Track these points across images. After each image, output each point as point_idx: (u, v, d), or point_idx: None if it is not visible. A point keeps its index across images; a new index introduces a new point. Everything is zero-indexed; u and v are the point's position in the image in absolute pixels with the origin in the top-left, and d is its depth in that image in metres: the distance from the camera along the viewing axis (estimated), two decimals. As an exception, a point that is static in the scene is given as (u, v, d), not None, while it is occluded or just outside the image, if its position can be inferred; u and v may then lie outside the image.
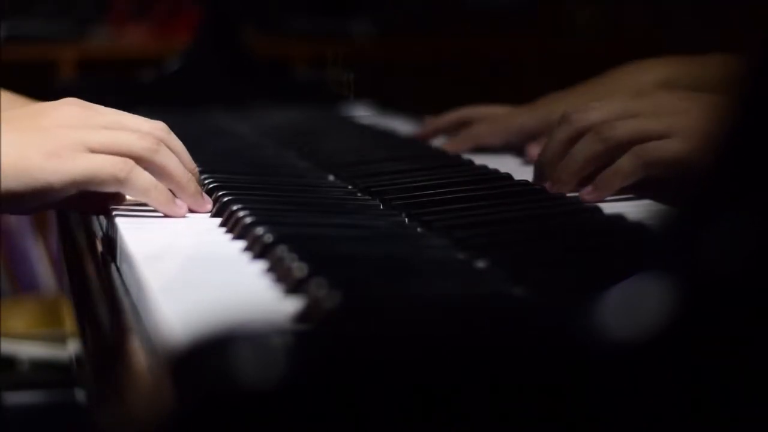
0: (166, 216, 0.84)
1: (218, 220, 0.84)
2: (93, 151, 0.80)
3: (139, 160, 0.82)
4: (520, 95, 1.35)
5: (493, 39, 1.52)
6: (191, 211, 0.85)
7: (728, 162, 0.43)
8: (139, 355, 0.60)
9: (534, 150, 1.06)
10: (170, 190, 0.84)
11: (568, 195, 0.91)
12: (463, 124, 1.23)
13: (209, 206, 0.85)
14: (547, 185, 0.92)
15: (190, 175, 0.85)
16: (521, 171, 0.99)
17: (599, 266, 0.50)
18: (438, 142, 1.23)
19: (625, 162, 0.88)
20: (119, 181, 0.80)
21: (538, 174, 0.96)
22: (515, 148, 1.16)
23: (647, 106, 0.91)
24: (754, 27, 0.44)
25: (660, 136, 0.88)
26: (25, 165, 0.78)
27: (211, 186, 0.90)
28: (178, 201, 0.84)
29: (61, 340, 1.76)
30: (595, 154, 0.90)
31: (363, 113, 1.60)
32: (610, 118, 0.90)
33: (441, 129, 1.27)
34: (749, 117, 0.43)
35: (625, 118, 0.90)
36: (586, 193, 0.90)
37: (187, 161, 0.86)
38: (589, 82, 1.14)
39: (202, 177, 0.92)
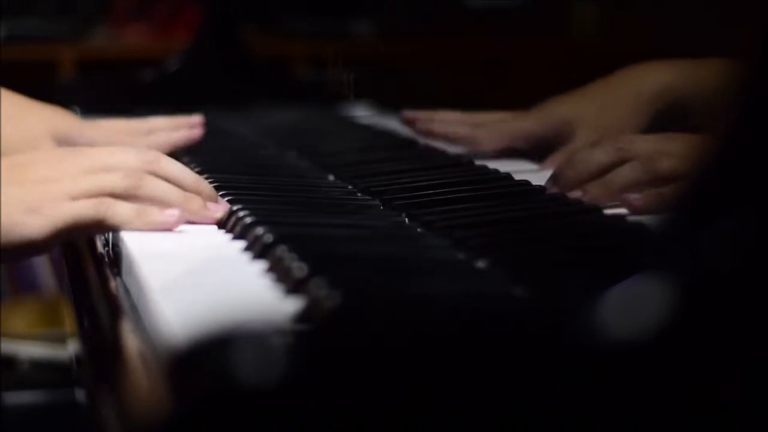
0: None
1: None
2: (75, 199, 0.79)
3: (127, 198, 0.81)
4: (520, 95, 1.35)
5: (493, 39, 1.52)
6: (195, 223, 0.83)
7: (728, 162, 0.43)
8: (139, 355, 0.60)
9: (553, 162, 1.04)
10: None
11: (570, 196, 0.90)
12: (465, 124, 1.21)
13: (218, 215, 0.83)
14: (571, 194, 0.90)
15: (185, 195, 0.83)
16: (521, 171, 0.99)
17: (599, 266, 0.50)
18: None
19: (629, 169, 0.88)
20: (99, 222, 0.79)
21: (560, 182, 0.92)
22: (517, 152, 1.15)
23: (690, 146, 0.90)
24: (754, 26, 0.44)
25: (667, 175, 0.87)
26: (7, 222, 0.78)
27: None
28: (169, 221, 0.81)
29: (61, 340, 1.76)
30: (638, 182, 0.88)
31: (363, 113, 1.60)
32: (656, 150, 0.89)
33: (439, 134, 1.25)
34: (749, 118, 0.43)
35: (670, 154, 0.89)
36: (590, 196, 0.88)
37: (188, 181, 0.84)
38: (591, 86, 1.13)
39: (202, 177, 0.92)
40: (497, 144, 1.15)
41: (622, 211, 0.86)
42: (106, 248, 0.83)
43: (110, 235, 0.84)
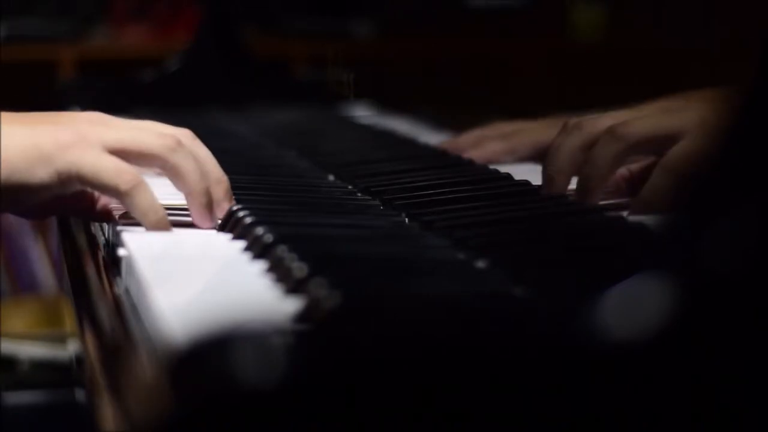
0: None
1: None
2: (109, 148, 0.79)
3: (155, 158, 0.80)
4: (520, 95, 1.35)
5: (494, 39, 1.52)
6: (194, 225, 0.82)
7: (728, 162, 0.43)
8: (139, 355, 0.60)
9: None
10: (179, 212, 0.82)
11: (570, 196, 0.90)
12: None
13: (213, 223, 0.82)
14: (571, 194, 0.89)
15: (205, 187, 0.82)
16: (521, 171, 0.99)
17: (599, 266, 0.50)
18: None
19: (658, 179, 0.85)
20: (120, 191, 0.78)
21: (549, 183, 0.91)
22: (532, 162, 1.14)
23: (654, 108, 0.89)
24: (754, 26, 0.44)
25: (675, 133, 0.86)
26: (36, 154, 0.77)
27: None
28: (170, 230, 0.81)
29: (61, 340, 1.76)
30: (617, 154, 0.87)
31: (363, 113, 1.60)
32: (621, 120, 0.89)
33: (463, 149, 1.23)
34: (749, 117, 0.43)
35: (635, 118, 0.89)
36: (632, 213, 0.86)
37: (213, 170, 0.83)
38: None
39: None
40: (510, 158, 1.14)
41: (622, 211, 0.86)
42: (107, 248, 0.83)
43: (110, 234, 0.84)
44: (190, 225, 0.83)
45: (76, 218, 0.96)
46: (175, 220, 0.82)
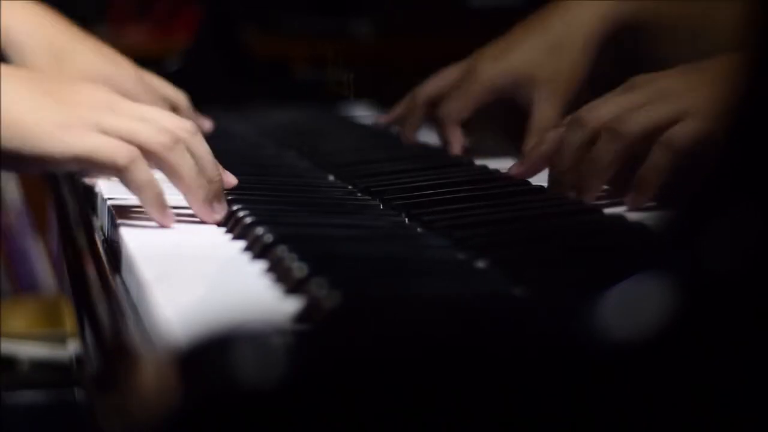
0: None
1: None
2: (106, 134, 0.79)
3: (151, 155, 0.80)
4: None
5: (494, 39, 1.52)
6: (193, 224, 0.82)
7: (728, 162, 0.43)
8: (139, 355, 0.60)
9: (517, 169, 1.04)
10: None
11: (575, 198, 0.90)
12: (426, 106, 1.21)
13: (217, 217, 0.82)
14: (572, 194, 0.89)
15: (203, 182, 0.82)
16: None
17: (599, 266, 0.50)
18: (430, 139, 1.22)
19: (657, 156, 0.85)
20: (117, 167, 0.78)
21: (556, 184, 0.91)
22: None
23: (651, 93, 0.89)
24: (754, 26, 0.44)
25: (673, 121, 0.86)
26: (36, 131, 0.78)
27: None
28: (168, 211, 0.81)
29: (61, 340, 1.76)
30: (617, 153, 0.87)
31: (363, 113, 1.60)
32: (619, 112, 0.88)
33: (402, 117, 1.25)
34: (749, 117, 0.43)
35: (633, 109, 0.88)
36: (630, 201, 0.87)
37: (209, 167, 0.83)
38: (523, 25, 1.13)
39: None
40: (470, 110, 1.15)
41: (622, 211, 0.86)
42: (106, 248, 0.83)
43: (110, 234, 0.84)
44: (188, 223, 0.83)
45: (74, 212, 0.96)
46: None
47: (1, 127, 0.78)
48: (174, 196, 0.83)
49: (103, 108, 0.81)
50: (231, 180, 0.86)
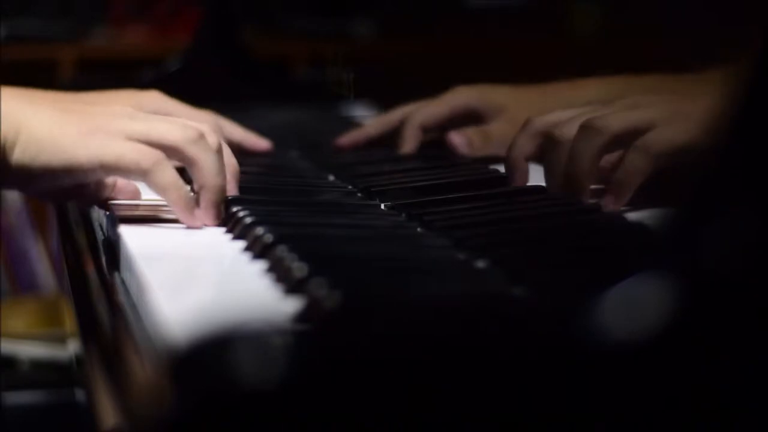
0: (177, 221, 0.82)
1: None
2: (130, 138, 0.81)
3: (174, 150, 0.81)
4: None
5: (494, 39, 1.52)
6: (169, 222, 0.82)
7: (728, 162, 0.43)
8: (138, 355, 0.60)
9: (456, 138, 1.08)
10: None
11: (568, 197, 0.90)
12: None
13: (210, 222, 0.82)
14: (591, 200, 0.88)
15: (220, 184, 0.82)
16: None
17: (599, 266, 0.50)
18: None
19: (634, 158, 0.85)
20: (142, 170, 0.80)
21: (570, 186, 0.89)
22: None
23: (624, 104, 0.90)
24: (754, 26, 0.44)
25: (647, 126, 0.86)
26: (63, 142, 0.80)
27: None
28: (196, 212, 0.81)
29: (61, 340, 1.76)
30: (598, 146, 0.87)
31: (363, 113, 1.60)
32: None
33: (372, 136, 1.25)
34: (749, 117, 0.43)
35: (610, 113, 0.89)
36: (608, 203, 0.86)
37: (229, 169, 0.85)
38: (527, 86, 1.16)
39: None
40: (438, 125, 1.17)
41: (622, 211, 0.86)
42: (106, 248, 0.83)
43: (110, 234, 0.84)
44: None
45: (74, 212, 0.96)
46: (171, 217, 0.82)
47: (29, 144, 0.80)
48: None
49: (122, 116, 0.83)
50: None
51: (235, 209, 0.81)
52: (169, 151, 0.81)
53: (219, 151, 0.83)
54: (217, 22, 1.76)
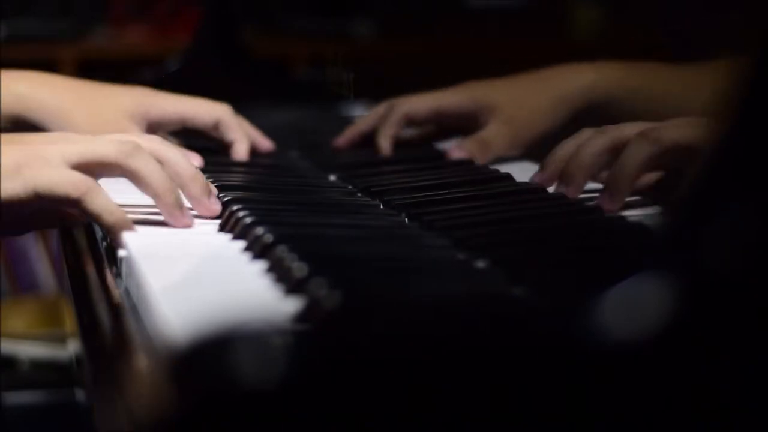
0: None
1: (218, 220, 0.83)
2: (69, 162, 0.80)
3: (112, 166, 0.81)
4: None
5: (494, 39, 1.52)
6: (168, 224, 0.82)
7: (728, 162, 0.43)
8: (139, 355, 0.60)
9: (456, 153, 1.07)
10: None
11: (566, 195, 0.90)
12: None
13: (187, 221, 0.82)
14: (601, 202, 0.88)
15: (169, 186, 0.82)
16: (522, 171, 0.99)
17: (599, 266, 0.50)
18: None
19: (636, 147, 0.85)
20: (71, 199, 0.79)
21: (568, 180, 0.90)
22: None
23: (682, 120, 0.89)
24: (754, 26, 0.44)
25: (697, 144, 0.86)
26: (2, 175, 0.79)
27: (211, 186, 0.90)
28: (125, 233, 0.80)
29: (61, 340, 1.76)
30: (649, 156, 0.86)
31: (363, 113, 1.60)
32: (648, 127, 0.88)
33: (364, 131, 1.25)
34: (749, 117, 0.43)
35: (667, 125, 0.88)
36: (603, 202, 0.86)
37: (185, 168, 0.84)
38: (521, 77, 1.15)
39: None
40: (424, 118, 1.17)
41: (622, 210, 0.86)
42: (106, 248, 0.83)
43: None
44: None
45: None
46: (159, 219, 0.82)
47: None
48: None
49: (58, 140, 0.82)
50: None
51: (235, 209, 0.81)
52: (108, 168, 0.81)
53: (168, 156, 0.83)
54: (217, 22, 1.76)
